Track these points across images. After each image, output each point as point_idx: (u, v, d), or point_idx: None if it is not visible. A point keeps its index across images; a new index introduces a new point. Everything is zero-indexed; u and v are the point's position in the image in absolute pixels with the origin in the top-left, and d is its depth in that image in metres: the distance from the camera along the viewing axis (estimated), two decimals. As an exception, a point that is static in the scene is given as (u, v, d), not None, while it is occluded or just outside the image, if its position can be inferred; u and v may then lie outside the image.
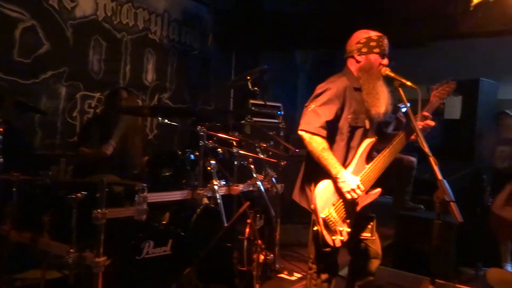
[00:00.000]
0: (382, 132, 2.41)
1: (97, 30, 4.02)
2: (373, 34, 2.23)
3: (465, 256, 3.94)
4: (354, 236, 2.24)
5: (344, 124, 2.20)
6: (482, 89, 5.38)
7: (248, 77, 3.48)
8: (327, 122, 2.12)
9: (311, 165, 2.26)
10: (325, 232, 2.09)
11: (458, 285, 3.51)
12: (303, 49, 6.63)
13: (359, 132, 2.22)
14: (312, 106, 2.15)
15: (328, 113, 2.12)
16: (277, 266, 3.59)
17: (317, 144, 2.10)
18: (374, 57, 2.20)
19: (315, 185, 2.15)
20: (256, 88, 3.51)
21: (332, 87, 2.16)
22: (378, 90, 2.17)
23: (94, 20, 3.98)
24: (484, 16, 4.09)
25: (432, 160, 1.81)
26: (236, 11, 5.68)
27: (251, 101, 5.05)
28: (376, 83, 2.18)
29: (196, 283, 2.54)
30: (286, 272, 3.54)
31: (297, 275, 3.50)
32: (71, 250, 2.15)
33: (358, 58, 2.23)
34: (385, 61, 2.22)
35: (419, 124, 2.23)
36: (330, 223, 2.09)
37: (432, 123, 2.25)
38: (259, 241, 2.99)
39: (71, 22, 3.79)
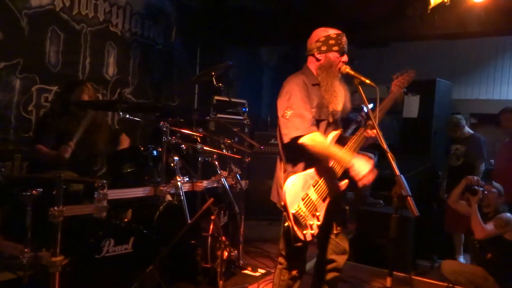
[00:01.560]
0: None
1: (54, 20, 3.84)
2: (332, 32, 2.27)
3: (422, 249, 4.11)
4: (325, 229, 2.27)
5: None
6: (439, 89, 5.63)
7: (213, 73, 3.46)
8: (314, 120, 2.14)
9: (281, 163, 2.29)
10: (295, 227, 2.10)
11: (414, 277, 3.66)
12: (268, 45, 6.66)
13: (322, 125, 2.25)
14: (289, 112, 2.13)
15: (309, 111, 2.14)
16: (241, 262, 3.61)
17: (320, 144, 2.11)
18: (333, 55, 2.24)
19: (284, 182, 2.16)
20: (221, 84, 3.50)
21: (294, 86, 2.20)
22: (336, 88, 2.22)
23: (51, 10, 3.80)
24: (441, 19, 4.26)
25: (390, 156, 1.86)
26: (200, 5, 5.62)
27: (216, 97, 5.03)
28: (334, 81, 2.22)
29: (159, 281, 2.50)
30: (250, 268, 3.56)
31: (261, 271, 3.53)
32: (26, 250, 2.05)
33: (318, 56, 2.26)
34: (345, 58, 2.27)
35: (368, 133, 2.29)
36: (300, 218, 2.11)
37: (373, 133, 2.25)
38: (223, 238, 2.99)
39: (26, 11, 3.61)
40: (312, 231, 2.15)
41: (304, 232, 2.12)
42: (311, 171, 2.19)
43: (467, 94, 6.65)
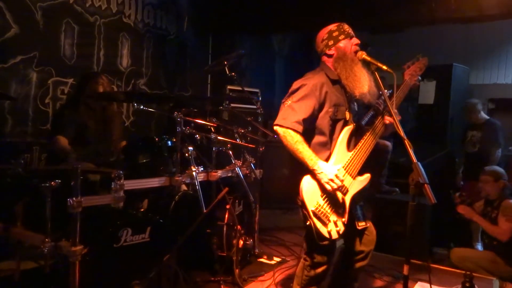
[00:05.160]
0: (358, 125, 2.40)
1: (68, 13, 3.87)
2: (331, 26, 2.26)
3: (438, 237, 4.07)
4: (350, 223, 2.21)
5: (324, 119, 2.17)
6: (455, 74, 5.52)
7: (225, 62, 3.45)
8: (304, 120, 2.10)
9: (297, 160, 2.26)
10: (319, 225, 2.05)
11: (431, 265, 3.64)
12: (280, 33, 6.60)
13: (339, 125, 2.22)
14: (288, 102, 2.13)
15: (304, 110, 2.10)
16: (257, 251, 3.63)
17: (291, 137, 2.07)
18: (343, 43, 2.21)
19: (301, 178, 2.13)
20: (233, 74, 3.49)
21: (308, 83, 2.16)
22: (356, 72, 2.16)
23: (64, 2, 3.83)
24: (457, 2, 4.15)
25: (407, 143, 1.84)
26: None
27: (229, 87, 5.02)
28: (354, 67, 2.17)
29: (176, 269, 2.54)
30: (265, 257, 3.58)
31: (276, 259, 3.55)
32: (46, 240, 2.11)
33: (329, 52, 2.23)
34: (354, 40, 2.23)
35: (387, 120, 2.25)
36: (321, 214, 2.06)
37: (398, 117, 2.22)
38: (239, 227, 3.01)
39: (41, 4, 3.64)
40: (337, 228, 2.09)
41: (329, 229, 2.07)
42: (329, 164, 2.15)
43: (485, 79, 6.50)
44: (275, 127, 2.14)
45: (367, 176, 2.24)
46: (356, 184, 2.21)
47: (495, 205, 3.34)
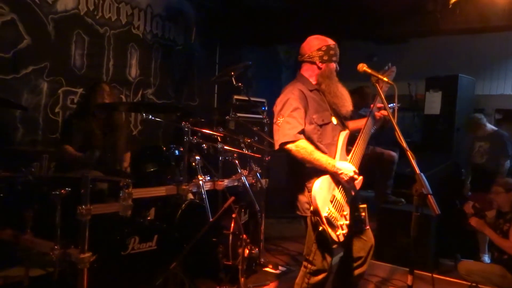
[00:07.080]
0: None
1: (79, 24, 3.96)
2: (331, 42, 2.34)
3: (445, 248, 4.05)
4: (350, 228, 2.26)
5: (310, 126, 2.23)
6: (461, 85, 5.53)
7: (232, 73, 3.50)
8: (302, 130, 2.17)
9: (296, 171, 2.29)
10: (330, 230, 2.11)
11: (437, 276, 3.62)
12: (286, 43, 6.66)
13: (328, 129, 2.28)
14: (281, 119, 2.18)
15: (299, 120, 2.17)
16: (262, 260, 3.63)
17: (304, 150, 2.13)
18: (333, 65, 2.33)
19: (308, 187, 2.18)
20: (240, 84, 3.53)
21: (291, 95, 2.22)
22: (342, 91, 2.32)
23: (76, 14, 3.92)
24: (462, 14, 4.19)
25: (409, 154, 1.85)
26: (219, 6, 5.67)
27: (235, 97, 5.07)
28: (338, 86, 2.32)
29: (182, 277, 2.56)
30: (271, 266, 3.58)
31: (281, 269, 3.55)
32: (56, 247, 2.14)
33: (320, 65, 2.32)
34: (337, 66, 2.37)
35: (377, 115, 2.37)
36: (332, 219, 2.12)
37: (385, 112, 2.34)
38: (244, 236, 3.02)
39: (52, 16, 3.73)
40: (344, 231, 2.16)
41: (337, 233, 2.13)
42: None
43: (491, 89, 6.49)
44: (285, 147, 2.14)
45: (361, 178, 2.29)
46: (355, 186, 2.28)
47: (508, 218, 3.30)
